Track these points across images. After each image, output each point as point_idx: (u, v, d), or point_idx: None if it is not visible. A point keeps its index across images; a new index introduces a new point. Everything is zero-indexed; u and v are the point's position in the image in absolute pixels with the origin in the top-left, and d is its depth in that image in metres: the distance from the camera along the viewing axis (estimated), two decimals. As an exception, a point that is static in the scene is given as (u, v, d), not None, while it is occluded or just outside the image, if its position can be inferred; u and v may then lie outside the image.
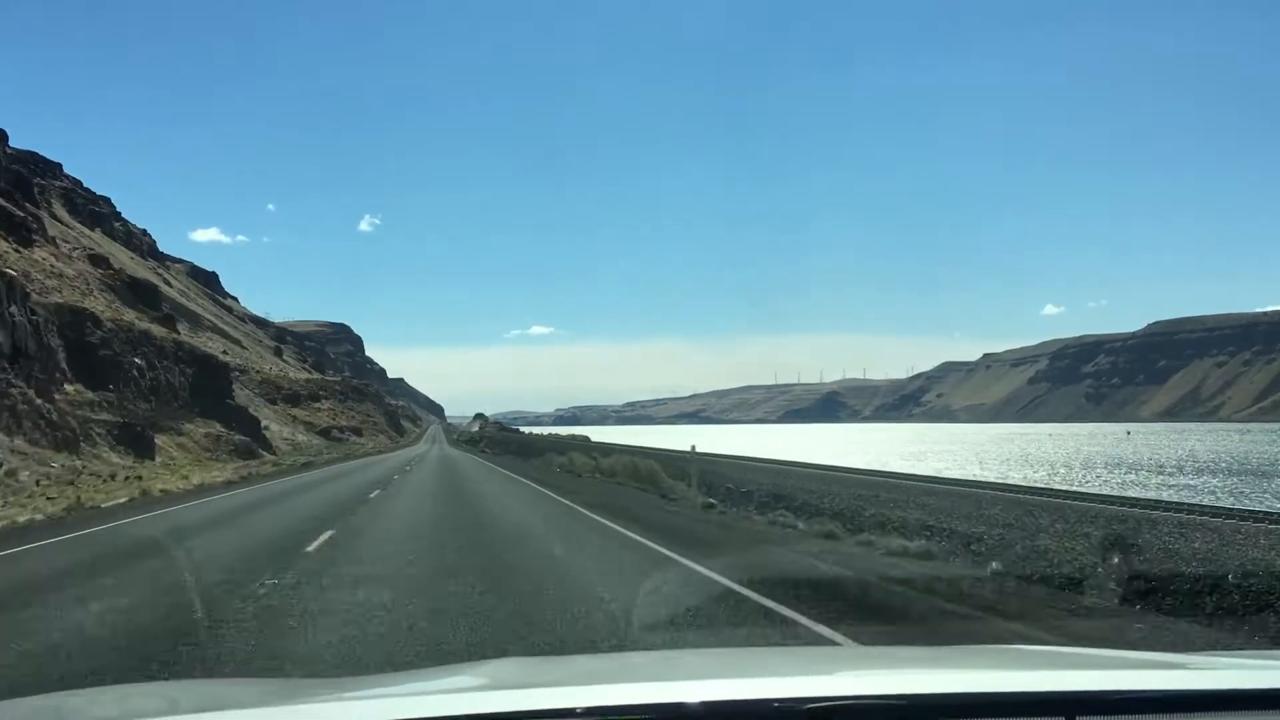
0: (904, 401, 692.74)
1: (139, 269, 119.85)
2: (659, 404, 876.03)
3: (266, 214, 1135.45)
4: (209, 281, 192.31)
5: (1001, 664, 2.86)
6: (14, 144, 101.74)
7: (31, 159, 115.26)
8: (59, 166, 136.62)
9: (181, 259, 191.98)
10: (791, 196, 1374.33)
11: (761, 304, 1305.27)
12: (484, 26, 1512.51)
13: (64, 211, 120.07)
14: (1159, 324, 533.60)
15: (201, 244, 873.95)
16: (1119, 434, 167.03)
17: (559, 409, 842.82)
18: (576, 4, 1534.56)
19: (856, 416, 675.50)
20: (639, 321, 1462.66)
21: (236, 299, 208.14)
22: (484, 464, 53.65)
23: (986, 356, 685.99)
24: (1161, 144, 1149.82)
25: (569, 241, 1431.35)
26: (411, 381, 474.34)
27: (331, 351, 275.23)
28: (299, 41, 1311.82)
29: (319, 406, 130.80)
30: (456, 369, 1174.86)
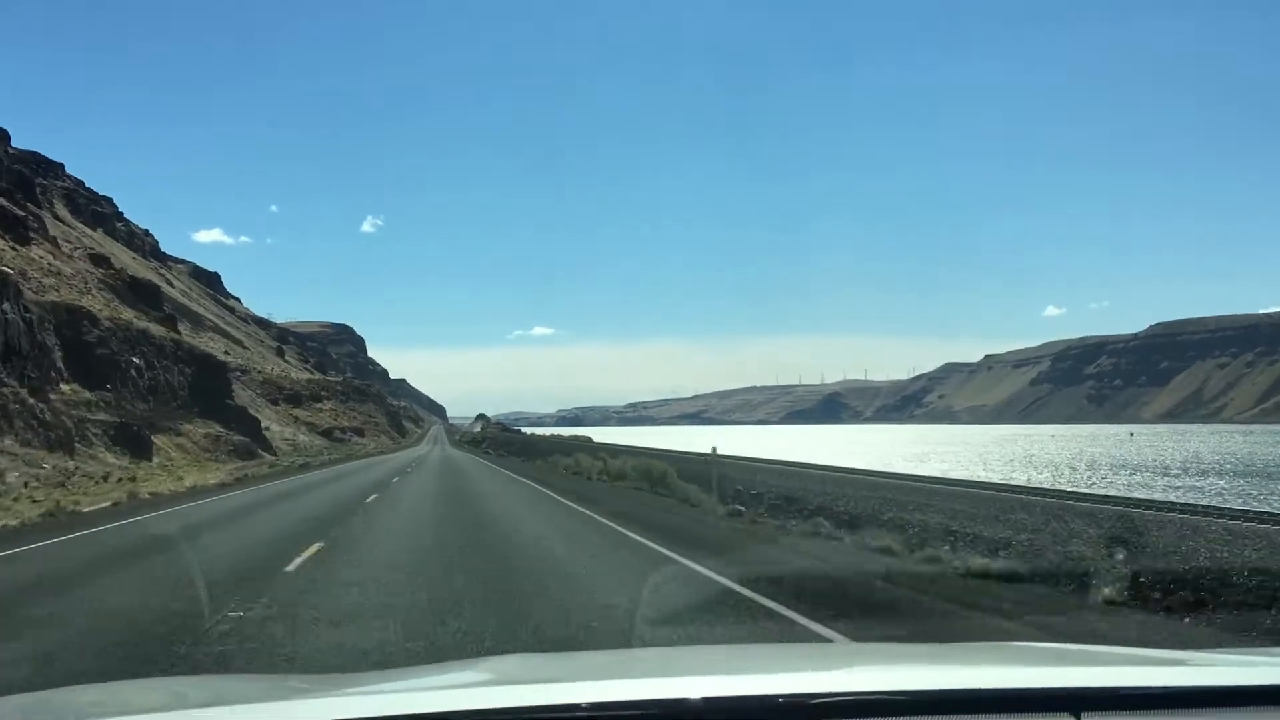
0: (905, 402, 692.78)
1: (141, 269, 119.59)
2: (661, 405, 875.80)
3: (269, 215, 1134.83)
4: (211, 282, 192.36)
5: (1007, 660, 2.88)
6: (16, 144, 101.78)
7: (33, 159, 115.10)
8: (61, 167, 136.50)
9: (184, 260, 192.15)
10: (792, 197, 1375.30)
11: (762, 304, 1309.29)
12: (484, 27, 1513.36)
13: (66, 211, 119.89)
14: (1161, 325, 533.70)
15: (204, 245, 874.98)
16: (1122, 435, 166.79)
17: (561, 410, 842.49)
18: (576, 4, 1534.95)
19: (858, 417, 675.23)
20: (640, 322, 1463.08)
21: (239, 300, 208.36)
22: (488, 466, 53.05)
23: (988, 358, 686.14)
24: (1162, 144, 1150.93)
25: (570, 242, 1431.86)
26: (413, 382, 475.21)
27: (334, 352, 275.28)
28: (301, 42, 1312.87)
29: (321, 407, 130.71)
30: (458, 370, 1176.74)
